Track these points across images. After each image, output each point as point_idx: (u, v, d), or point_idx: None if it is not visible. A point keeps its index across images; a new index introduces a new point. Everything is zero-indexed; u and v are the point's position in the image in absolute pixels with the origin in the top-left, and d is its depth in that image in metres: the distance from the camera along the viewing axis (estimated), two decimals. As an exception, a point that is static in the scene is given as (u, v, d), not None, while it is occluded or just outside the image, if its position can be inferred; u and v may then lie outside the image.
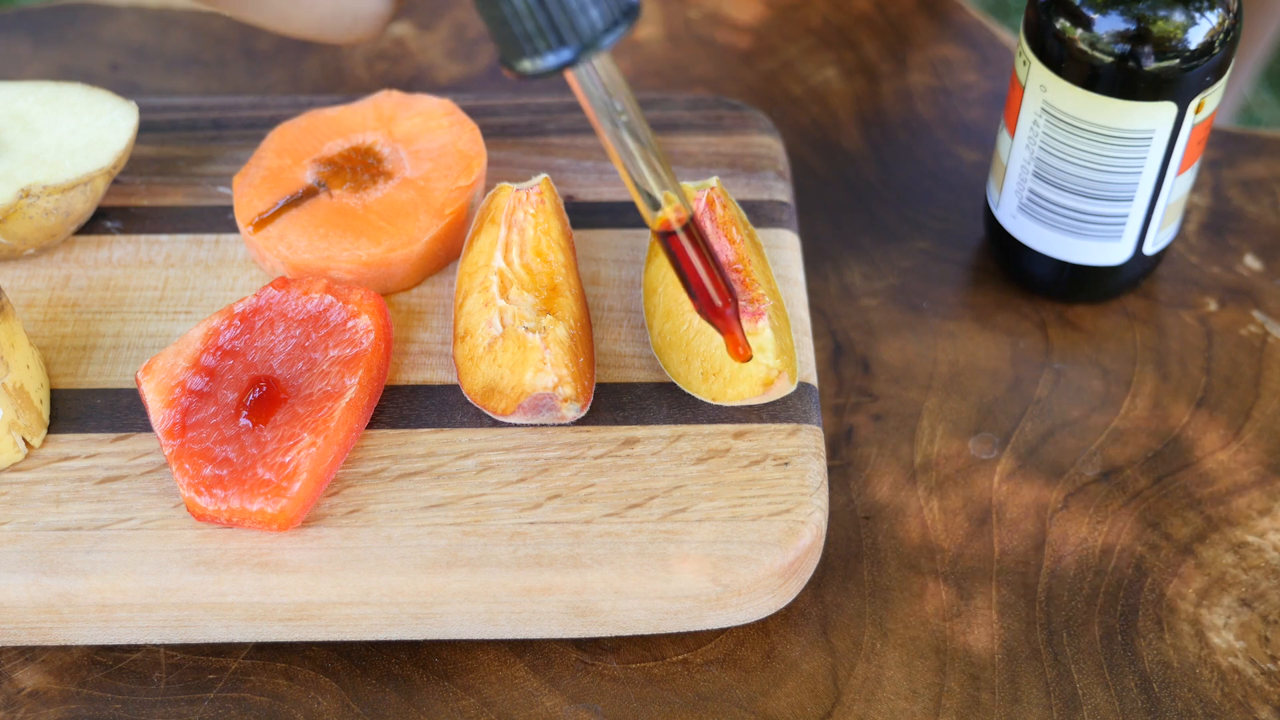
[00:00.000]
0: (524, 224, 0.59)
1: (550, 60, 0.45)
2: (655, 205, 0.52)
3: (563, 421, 0.56)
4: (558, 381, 0.55)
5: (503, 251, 0.58)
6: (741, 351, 0.55)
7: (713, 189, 0.60)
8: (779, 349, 0.56)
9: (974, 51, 0.81)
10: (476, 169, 0.62)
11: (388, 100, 0.65)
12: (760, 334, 0.56)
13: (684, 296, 0.57)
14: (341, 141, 0.64)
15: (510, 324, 0.56)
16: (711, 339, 0.56)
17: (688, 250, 0.52)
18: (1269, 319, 0.67)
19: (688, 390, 0.57)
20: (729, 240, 0.59)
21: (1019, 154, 0.63)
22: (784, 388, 0.56)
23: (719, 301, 0.53)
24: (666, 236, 0.52)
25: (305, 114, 0.65)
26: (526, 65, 0.46)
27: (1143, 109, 0.59)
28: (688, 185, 0.61)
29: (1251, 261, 0.70)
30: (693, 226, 0.52)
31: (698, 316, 0.56)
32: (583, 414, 0.56)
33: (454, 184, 0.62)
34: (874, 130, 0.77)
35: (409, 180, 0.62)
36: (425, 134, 0.64)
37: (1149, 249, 0.64)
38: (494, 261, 0.58)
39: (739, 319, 0.54)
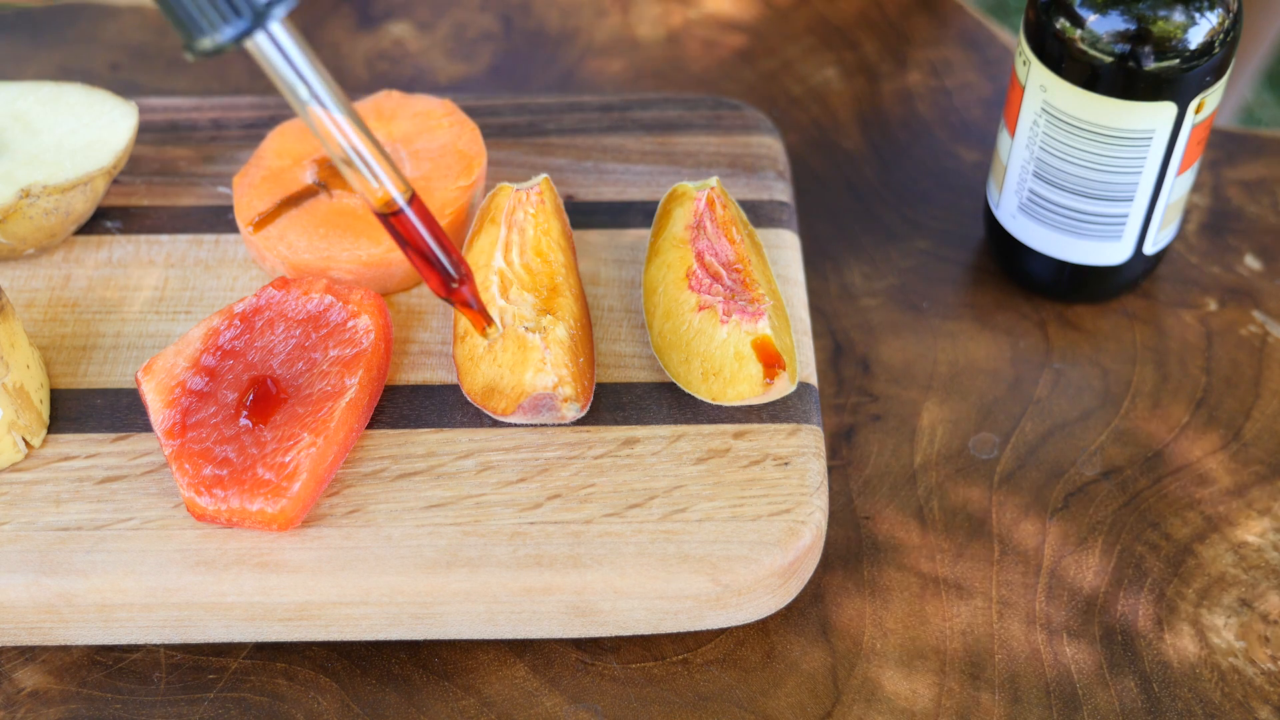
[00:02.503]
0: (524, 224, 0.59)
1: (227, 32, 0.44)
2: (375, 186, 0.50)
3: (563, 421, 0.56)
4: (558, 381, 0.55)
5: (503, 251, 0.58)
6: (486, 326, 0.54)
7: (713, 189, 0.60)
8: (779, 349, 0.56)
9: (974, 51, 0.81)
10: (476, 169, 0.62)
11: (388, 100, 0.65)
12: (759, 332, 0.56)
13: (684, 296, 0.57)
14: None
15: (510, 324, 0.56)
16: (712, 339, 0.56)
17: (417, 227, 0.51)
18: (1269, 319, 0.67)
19: (688, 390, 0.57)
20: (729, 240, 0.58)
21: (1019, 154, 0.63)
22: (784, 388, 0.56)
23: (455, 274, 0.52)
24: (390, 216, 0.51)
25: None
26: (206, 42, 0.44)
27: (1143, 109, 0.59)
28: (688, 185, 0.61)
29: (1251, 261, 0.70)
30: (416, 203, 0.50)
31: (698, 316, 0.56)
32: (583, 414, 0.56)
33: (454, 184, 0.62)
34: (874, 130, 0.77)
35: (409, 180, 0.62)
36: (425, 134, 0.64)
37: (1149, 249, 0.64)
38: (494, 261, 0.58)
39: (476, 293, 0.53)
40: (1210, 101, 0.60)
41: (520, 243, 0.59)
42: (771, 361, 0.55)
